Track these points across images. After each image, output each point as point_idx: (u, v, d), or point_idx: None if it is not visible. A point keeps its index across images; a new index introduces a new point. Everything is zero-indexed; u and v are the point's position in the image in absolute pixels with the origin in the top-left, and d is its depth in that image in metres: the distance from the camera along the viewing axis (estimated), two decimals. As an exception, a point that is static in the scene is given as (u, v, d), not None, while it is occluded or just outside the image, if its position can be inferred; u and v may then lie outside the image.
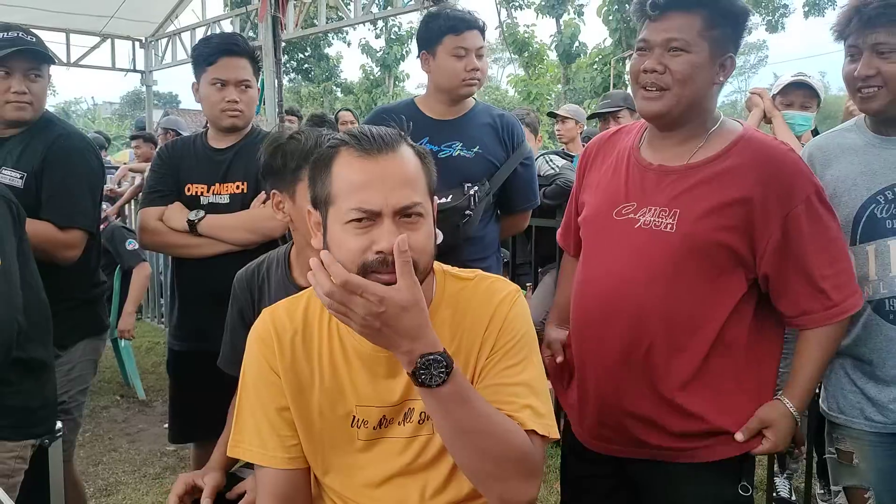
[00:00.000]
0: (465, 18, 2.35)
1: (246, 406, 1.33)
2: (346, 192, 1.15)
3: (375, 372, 1.28)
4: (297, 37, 8.35)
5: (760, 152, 1.51)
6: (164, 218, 2.27)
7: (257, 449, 1.30)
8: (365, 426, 1.30)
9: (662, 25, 1.48)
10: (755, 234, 1.49)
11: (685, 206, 1.51)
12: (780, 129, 2.89)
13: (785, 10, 14.93)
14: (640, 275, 1.52)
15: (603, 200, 1.63)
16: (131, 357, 4.65)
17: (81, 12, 7.95)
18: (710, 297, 1.51)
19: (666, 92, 1.50)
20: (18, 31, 2.17)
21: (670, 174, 1.55)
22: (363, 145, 1.16)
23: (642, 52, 1.53)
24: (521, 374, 1.25)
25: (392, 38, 23.17)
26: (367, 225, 1.13)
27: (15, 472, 1.78)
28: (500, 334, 1.27)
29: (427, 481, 1.30)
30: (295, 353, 1.30)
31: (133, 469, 3.55)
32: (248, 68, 2.30)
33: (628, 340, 1.53)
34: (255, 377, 1.32)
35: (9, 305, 1.65)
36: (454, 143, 2.35)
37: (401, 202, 1.14)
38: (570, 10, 19.54)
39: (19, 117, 2.18)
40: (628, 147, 1.66)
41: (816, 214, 1.49)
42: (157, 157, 2.41)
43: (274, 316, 1.34)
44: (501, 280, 1.36)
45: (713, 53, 1.49)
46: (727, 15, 1.49)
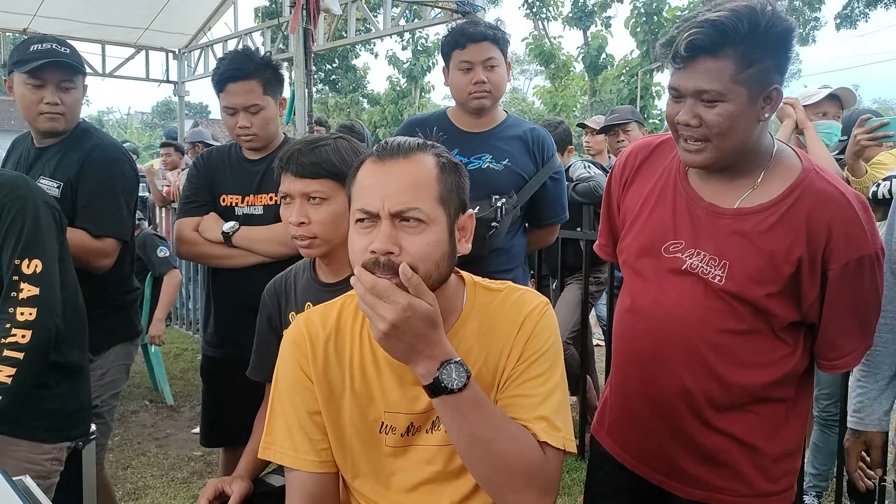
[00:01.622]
0: (467, 32, 2.33)
1: (278, 409, 1.35)
2: (356, 195, 1.22)
3: (404, 379, 1.29)
4: (326, 49, 8.46)
5: (819, 204, 1.37)
6: (200, 229, 2.30)
7: (289, 452, 1.32)
8: (393, 432, 1.31)
9: (690, 74, 1.33)
10: (803, 287, 1.40)
11: (735, 258, 1.40)
12: (813, 141, 2.86)
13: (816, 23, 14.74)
14: (689, 316, 1.44)
15: (650, 232, 1.53)
16: (160, 363, 4.72)
17: (117, 24, 8.13)
18: (767, 345, 1.44)
19: (707, 144, 1.38)
20: (53, 42, 2.21)
21: (721, 217, 1.43)
22: (380, 153, 1.22)
23: (675, 98, 1.39)
24: (541, 387, 1.26)
25: (419, 49, 23.33)
26: (369, 226, 1.18)
27: (51, 473, 1.82)
28: (526, 345, 1.28)
29: (456, 488, 1.31)
30: (327, 358, 1.32)
31: (161, 473, 3.60)
32: (255, 91, 2.25)
33: (678, 383, 1.48)
34: (287, 381, 1.34)
35: (48, 308, 1.70)
36: (484, 156, 2.37)
37: (396, 206, 1.16)
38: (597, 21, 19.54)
39: (52, 128, 2.22)
40: (674, 169, 1.53)
41: (872, 272, 1.40)
42: (193, 167, 2.44)
43: (308, 322, 1.36)
44: (531, 292, 1.37)
45: (753, 93, 1.33)
46: (765, 46, 1.30)
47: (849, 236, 1.36)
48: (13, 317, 1.66)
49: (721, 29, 1.27)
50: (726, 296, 1.42)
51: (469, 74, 2.33)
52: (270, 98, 2.29)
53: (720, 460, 1.49)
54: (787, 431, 1.50)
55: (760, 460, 1.48)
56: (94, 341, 2.19)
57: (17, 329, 1.65)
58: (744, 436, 1.47)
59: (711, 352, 1.44)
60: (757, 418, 1.47)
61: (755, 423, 1.47)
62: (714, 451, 1.49)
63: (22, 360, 1.63)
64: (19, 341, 1.64)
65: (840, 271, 1.37)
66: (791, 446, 1.52)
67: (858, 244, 1.36)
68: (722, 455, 1.48)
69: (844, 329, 1.44)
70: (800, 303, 1.42)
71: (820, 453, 3.04)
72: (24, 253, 1.70)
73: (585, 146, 4.86)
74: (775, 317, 1.42)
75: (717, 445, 1.48)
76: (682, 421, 1.49)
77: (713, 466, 1.49)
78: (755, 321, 1.42)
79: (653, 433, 1.53)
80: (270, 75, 2.29)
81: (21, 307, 1.67)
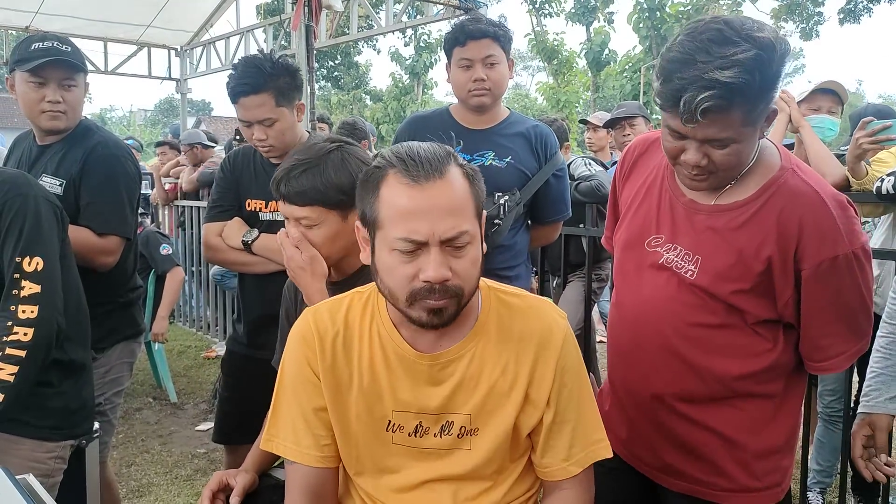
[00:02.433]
0: (468, 29, 2.31)
1: (283, 402, 1.35)
2: (394, 220, 1.16)
3: (417, 378, 1.29)
4: (328, 45, 8.44)
5: (791, 202, 1.36)
6: (224, 235, 2.31)
7: (291, 445, 1.32)
8: (400, 431, 1.31)
9: (700, 127, 1.27)
10: (776, 286, 1.39)
11: (706, 254, 1.42)
12: (810, 139, 2.83)
13: (819, 18, 14.66)
14: (665, 309, 1.47)
15: (637, 226, 1.56)
16: (164, 360, 4.72)
17: (119, 21, 8.12)
18: (743, 338, 1.44)
19: (712, 175, 1.36)
20: (54, 40, 2.20)
21: (698, 213, 1.45)
22: (410, 171, 1.16)
23: (676, 137, 1.33)
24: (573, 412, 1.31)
25: (421, 45, 23.31)
26: (413, 253, 1.16)
27: (55, 472, 1.82)
28: (558, 363, 1.29)
29: (461, 488, 1.31)
30: (335, 354, 1.32)
31: (165, 471, 3.60)
32: (267, 104, 2.18)
33: (657, 374, 1.50)
34: (293, 375, 1.34)
35: (50, 306, 1.70)
36: (486, 153, 2.36)
37: (447, 233, 1.15)
38: (599, 17, 19.50)
39: (53, 126, 2.23)
40: (663, 166, 1.54)
41: (852, 272, 1.37)
42: (220, 170, 2.42)
43: (316, 316, 1.35)
44: (547, 302, 1.39)
45: (759, 125, 1.31)
46: (773, 85, 1.26)
47: (822, 236, 1.34)
48: (15, 314, 1.65)
49: (735, 91, 1.21)
50: (698, 290, 1.43)
51: (469, 72, 2.32)
52: (285, 108, 2.22)
53: (700, 453, 1.50)
54: (773, 429, 1.49)
55: (742, 456, 1.49)
56: (98, 339, 2.20)
57: (18, 327, 1.65)
58: (724, 430, 1.47)
59: (684, 343, 1.45)
60: (739, 413, 1.47)
61: (736, 417, 1.47)
62: (694, 445, 1.50)
63: (24, 358, 1.63)
64: (21, 339, 1.64)
65: (813, 271, 1.35)
66: (778, 444, 1.51)
67: (832, 244, 1.34)
68: (701, 448, 1.50)
69: (827, 331, 1.42)
70: (775, 301, 1.41)
71: (824, 449, 3.04)
72: (25, 250, 1.69)
73: (587, 142, 4.85)
74: (747, 313, 1.42)
75: (696, 439, 1.50)
76: (661, 413, 1.51)
77: (694, 459, 1.51)
78: (728, 316, 1.43)
79: (638, 425, 1.56)
80: (284, 84, 2.20)
81: (23, 305, 1.66)
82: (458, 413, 1.29)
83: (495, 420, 1.29)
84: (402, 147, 1.21)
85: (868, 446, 1.71)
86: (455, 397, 1.29)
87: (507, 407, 1.29)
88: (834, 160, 2.76)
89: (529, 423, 1.31)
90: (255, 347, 2.28)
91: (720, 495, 1.50)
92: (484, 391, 1.29)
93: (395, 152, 1.20)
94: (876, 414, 1.71)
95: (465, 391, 1.29)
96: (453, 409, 1.29)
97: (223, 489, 1.55)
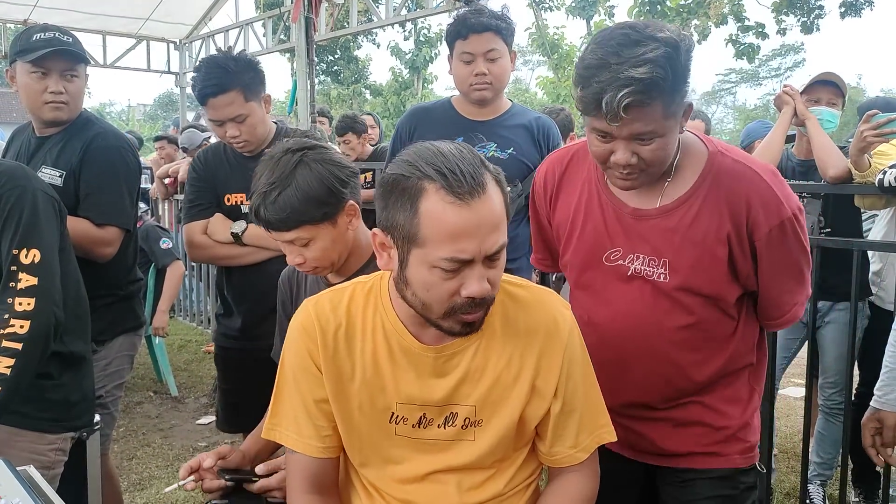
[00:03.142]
0: (469, 23, 2.29)
1: (285, 392, 1.35)
2: (440, 240, 1.12)
3: (421, 370, 1.29)
4: (328, 38, 8.42)
5: (732, 183, 1.43)
6: (209, 231, 2.31)
7: (293, 435, 1.33)
8: (404, 423, 1.31)
9: (624, 124, 1.31)
10: (737, 262, 1.46)
11: (672, 254, 1.46)
12: (815, 131, 2.84)
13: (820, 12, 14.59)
14: (646, 320, 1.49)
15: (587, 244, 1.56)
16: (164, 354, 4.72)
17: (117, 14, 8.11)
18: (721, 327, 1.51)
19: (643, 172, 1.40)
20: (56, 31, 2.20)
21: (648, 218, 1.48)
22: (454, 188, 1.11)
23: (603, 139, 1.37)
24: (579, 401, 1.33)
25: (421, 39, 23.23)
26: (457, 270, 1.14)
27: (55, 464, 1.82)
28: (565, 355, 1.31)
29: (464, 478, 1.31)
30: (338, 346, 1.31)
31: (166, 464, 3.60)
32: (236, 101, 2.20)
33: (648, 377, 1.53)
34: (294, 366, 1.33)
35: (47, 298, 1.69)
36: (488, 144, 2.35)
37: (492, 248, 1.15)
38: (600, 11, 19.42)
39: (56, 117, 2.22)
40: (592, 181, 1.55)
41: (796, 233, 1.45)
42: (192, 170, 2.43)
43: (317, 307, 1.34)
44: (552, 294, 1.39)
45: (678, 119, 1.37)
46: (683, 79, 1.32)
47: (765, 205, 1.42)
48: (11, 307, 1.65)
49: (651, 86, 1.27)
50: (674, 292, 1.47)
51: (470, 66, 2.31)
52: (254, 103, 2.24)
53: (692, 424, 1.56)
54: (751, 398, 1.59)
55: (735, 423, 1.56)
56: (99, 331, 2.20)
57: (15, 319, 1.64)
58: (717, 407, 1.55)
59: (673, 348, 1.50)
60: (723, 391, 1.55)
61: (721, 395, 1.55)
62: (686, 420, 1.56)
63: (21, 351, 1.63)
64: (18, 332, 1.63)
65: (766, 239, 1.43)
66: (756, 405, 1.60)
67: (776, 211, 1.42)
68: (694, 423, 1.56)
69: (783, 289, 1.51)
70: (737, 277, 1.48)
71: (825, 442, 3.04)
72: (22, 243, 1.69)
73: (589, 135, 4.83)
74: (721, 299, 1.48)
75: (688, 418, 1.56)
76: (655, 414, 1.55)
77: (688, 433, 1.56)
78: (704, 309, 1.48)
79: (629, 427, 1.57)
80: (249, 79, 2.23)
81: (19, 297, 1.66)
82: (463, 404, 1.29)
83: (500, 411, 1.29)
84: (435, 156, 1.14)
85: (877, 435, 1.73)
86: (460, 389, 1.29)
87: (511, 398, 1.29)
88: (837, 152, 2.75)
89: (537, 415, 1.31)
90: (249, 339, 2.26)
91: (719, 460, 1.56)
92: (489, 383, 1.29)
93: (429, 163, 1.13)
94: (885, 411, 1.72)
95: (469, 383, 1.29)
96: (458, 401, 1.29)
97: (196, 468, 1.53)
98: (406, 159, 1.17)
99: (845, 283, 2.48)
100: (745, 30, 15.06)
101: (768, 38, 14.90)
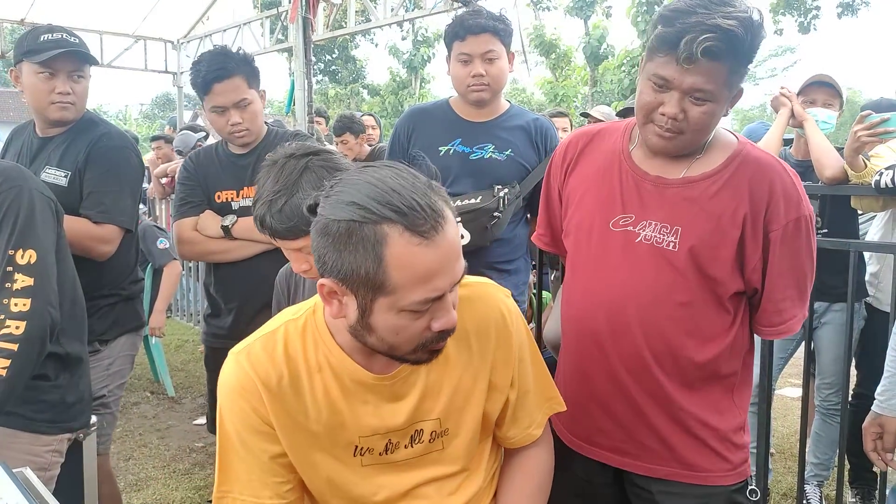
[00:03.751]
0: (466, 24, 2.29)
1: (232, 456, 1.25)
2: (412, 285, 1.05)
3: (378, 399, 1.24)
4: (325, 38, 8.41)
5: (759, 170, 1.46)
6: (199, 227, 2.34)
7: (251, 499, 1.24)
8: (370, 454, 1.26)
9: (691, 72, 1.35)
10: (746, 250, 1.46)
11: (686, 223, 1.46)
12: (812, 132, 2.84)
13: (817, 12, 14.63)
14: (647, 290, 1.48)
15: (596, 208, 1.56)
16: (161, 354, 4.72)
17: (114, 14, 8.08)
18: (717, 317, 1.50)
19: (680, 136, 1.43)
20: (62, 32, 2.21)
21: (669, 187, 1.49)
22: (419, 228, 1.02)
23: (659, 88, 1.40)
24: (528, 381, 1.35)
25: (419, 40, 23.24)
26: (427, 308, 1.09)
27: (52, 465, 1.81)
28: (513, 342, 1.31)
29: (443, 485, 1.31)
30: (284, 396, 1.22)
31: (163, 465, 3.60)
32: (241, 85, 2.26)
33: (636, 357, 1.51)
34: (239, 429, 1.23)
35: (43, 299, 1.68)
36: (486, 146, 2.35)
37: (459, 275, 1.11)
38: (598, 11, 19.46)
39: (62, 117, 2.23)
40: (617, 150, 1.57)
41: (808, 235, 1.47)
42: (184, 169, 2.45)
43: (252, 360, 1.23)
44: (490, 284, 1.37)
45: (731, 95, 1.42)
46: (751, 55, 1.38)
47: (787, 198, 1.44)
48: (7, 308, 1.64)
49: (732, 40, 1.32)
50: (679, 262, 1.47)
51: (468, 67, 2.31)
52: (255, 91, 2.32)
53: (676, 438, 1.53)
54: (734, 409, 1.57)
55: (711, 436, 1.53)
56: (102, 331, 2.22)
57: (10, 320, 1.63)
58: (694, 412, 1.52)
59: (669, 324, 1.48)
60: (705, 397, 1.53)
61: (703, 401, 1.53)
62: (670, 429, 1.53)
63: (16, 352, 1.62)
64: (13, 332, 1.63)
65: (781, 231, 1.44)
66: (738, 422, 1.57)
67: (796, 206, 1.44)
68: (676, 432, 1.53)
69: (786, 294, 1.50)
70: (743, 269, 1.48)
71: (821, 442, 3.04)
72: (18, 243, 1.68)
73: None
74: (720, 284, 1.47)
75: (671, 422, 1.53)
76: (639, 398, 1.53)
77: (670, 444, 1.54)
78: (701, 292, 1.48)
79: (614, 412, 1.56)
80: (250, 70, 2.30)
81: (15, 298, 1.65)
82: (427, 419, 1.27)
83: (464, 415, 1.29)
84: (385, 193, 1.03)
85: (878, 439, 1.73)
86: (421, 407, 1.26)
87: (473, 400, 1.29)
88: (834, 153, 2.76)
89: (496, 408, 1.32)
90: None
91: (698, 476, 1.54)
92: (449, 393, 1.26)
93: (383, 203, 1.02)
94: (886, 416, 1.72)
95: (430, 398, 1.26)
96: (421, 418, 1.26)
97: None
98: (353, 201, 1.04)
99: (842, 284, 2.49)
100: (742, 30, 15.06)
101: (765, 39, 14.92)
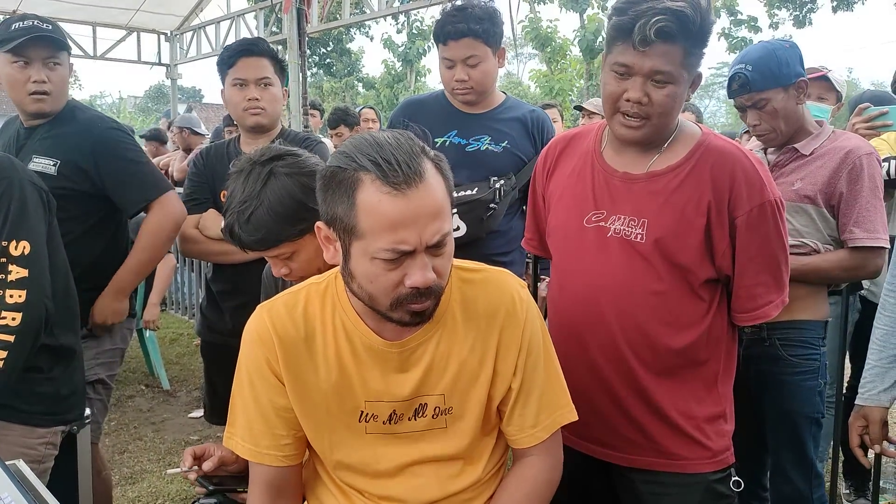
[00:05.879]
0: (446, 29, 2.24)
1: (239, 402, 1.32)
2: (378, 232, 1.11)
3: (386, 367, 1.28)
4: (320, 30, 8.38)
5: (720, 159, 1.51)
6: (201, 227, 2.31)
7: (249, 445, 1.30)
8: (374, 420, 1.30)
9: (648, 56, 1.42)
10: (714, 237, 1.50)
11: (652, 216, 1.52)
12: None
13: (812, 6, 14.62)
14: (619, 281, 1.53)
15: (572, 206, 1.62)
16: (156, 347, 4.70)
17: (108, 5, 8.04)
18: (690, 305, 1.53)
19: (647, 121, 1.49)
20: (35, 19, 2.18)
21: (636, 182, 1.55)
22: (389, 178, 1.10)
23: (622, 76, 1.48)
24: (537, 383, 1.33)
25: (414, 32, 23.15)
26: (398, 260, 1.13)
27: (46, 457, 1.81)
28: (523, 334, 1.31)
29: (441, 468, 1.32)
30: (298, 353, 1.28)
31: (158, 458, 3.59)
32: (267, 67, 2.33)
33: (612, 348, 1.54)
34: (252, 374, 1.30)
35: (38, 290, 1.67)
36: (483, 137, 2.34)
37: (434, 238, 1.13)
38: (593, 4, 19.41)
39: (39, 109, 2.20)
40: (590, 151, 1.64)
41: (776, 221, 1.50)
42: (193, 165, 2.45)
43: (272, 314, 1.30)
44: (507, 273, 1.38)
45: (690, 78, 1.49)
46: (704, 37, 1.46)
47: (749, 185, 1.49)
48: (2, 299, 1.63)
49: (683, 19, 1.40)
50: (649, 253, 1.51)
51: (451, 71, 2.29)
52: (279, 78, 2.37)
53: (655, 426, 1.56)
54: (714, 396, 1.59)
55: (691, 424, 1.55)
56: (95, 322, 2.19)
57: (6, 311, 1.62)
58: (673, 401, 1.55)
59: (643, 312, 1.52)
60: (684, 385, 1.56)
61: (682, 389, 1.56)
62: (649, 419, 1.56)
63: (12, 343, 1.61)
64: (9, 324, 1.62)
65: (746, 217, 1.48)
66: (720, 410, 1.59)
67: (759, 192, 1.49)
68: (655, 421, 1.56)
69: (759, 280, 1.53)
70: (713, 256, 1.52)
71: (816, 435, 3.05)
72: (11, 234, 1.67)
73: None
74: (691, 273, 1.51)
75: (650, 412, 1.55)
76: (617, 389, 1.56)
77: (649, 433, 1.56)
78: (673, 280, 1.52)
79: (595, 404, 1.58)
80: (278, 63, 2.39)
81: (10, 289, 1.64)
82: (431, 394, 1.29)
83: (469, 397, 1.30)
84: (371, 146, 1.13)
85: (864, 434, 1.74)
86: (427, 380, 1.28)
87: (478, 383, 1.30)
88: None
89: (499, 395, 1.33)
90: (231, 336, 2.23)
91: (676, 464, 1.56)
92: (455, 370, 1.29)
93: (365, 154, 1.12)
94: (869, 406, 1.73)
95: (435, 373, 1.29)
96: (426, 392, 1.29)
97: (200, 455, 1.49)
98: (344, 151, 1.16)
99: (837, 277, 2.49)
100: (737, 24, 15.11)
101: (761, 32, 14.93)
